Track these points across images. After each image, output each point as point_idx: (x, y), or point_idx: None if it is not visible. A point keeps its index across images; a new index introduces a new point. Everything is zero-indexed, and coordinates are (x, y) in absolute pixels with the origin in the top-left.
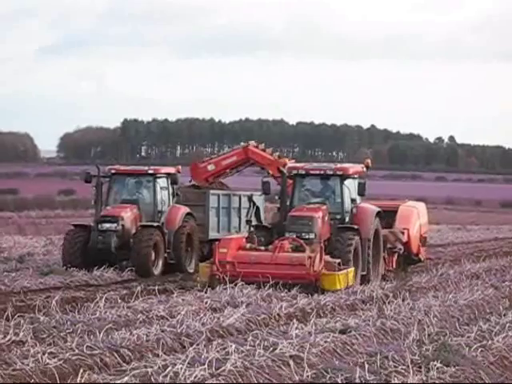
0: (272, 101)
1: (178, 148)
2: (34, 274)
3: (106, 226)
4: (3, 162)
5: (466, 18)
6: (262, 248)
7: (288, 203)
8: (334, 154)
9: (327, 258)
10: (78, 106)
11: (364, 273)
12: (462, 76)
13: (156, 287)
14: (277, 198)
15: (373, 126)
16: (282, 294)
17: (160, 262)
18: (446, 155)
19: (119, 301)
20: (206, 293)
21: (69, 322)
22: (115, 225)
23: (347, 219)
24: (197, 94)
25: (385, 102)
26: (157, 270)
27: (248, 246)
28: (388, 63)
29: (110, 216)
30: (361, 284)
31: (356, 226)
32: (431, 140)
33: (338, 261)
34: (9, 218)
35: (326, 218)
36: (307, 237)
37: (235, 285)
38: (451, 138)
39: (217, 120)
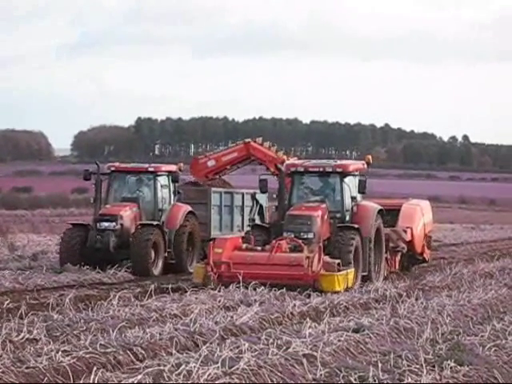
0: (286, 99)
1: (192, 147)
2: (48, 272)
3: (105, 224)
4: (17, 160)
5: (480, 16)
6: (259, 248)
7: (286, 202)
8: (348, 152)
9: (326, 258)
10: (92, 105)
11: (365, 273)
12: (477, 75)
13: (169, 285)
14: (274, 196)
15: (387, 124)
16: (295, 293)
17: (160, 262)
18: (460, 154)
19: (132, 299)
20: (219, 291)
21: (82, 320)
22: (114, 224)
23: (347, 218)
24: (211, 92)
25: (399, 101)
26: (156, 270)
27: (244, 246)
28: (402, 62)
29: (109, 215)
30: (361, 285)
31: (356, 225)
32: (445, 139)
33: (338, 261)
34: (22, 216)
35: (326, 217)
36: (306, 236)
37: (248, 283)
38: (465, 137)
39: (230, 119)
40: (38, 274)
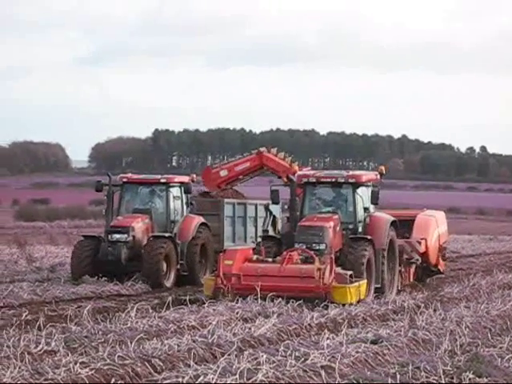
0: (303, 111)
1: (209, 158)
2: (66, 283)
3: (116, 236)
4: (35, 172)
5: (499, 27)
6: (270, 260)
7: (298, 213)
8: (365, 163)
9: (338, 269)
10: (110, 117)
11: (378, 285)
12: (495, 86)
13: (187, 297)
14: (286, 207)
15: (404, 136)
16: (312, 305)
17: (172, 274)
18: (478, 165)
19: (150, 311)
20: (237, 303)
21: (100, 332)
22: (125, 236)
23: (360, 229)
24: (228, 104)
25: (416, 112)
26: (169, 282)
27: (255, 257)
28: (420, 73)
29: (121, 227)
30: (375, 297)
31: (369, 237)
32: (463, 150)
33: (350, 273)
34: (40, 228)
35: (338, 228)
36: (318, 248)
37: (262, 295)
38: (483, 148)
39: (247, 130)
40: (56, 286)
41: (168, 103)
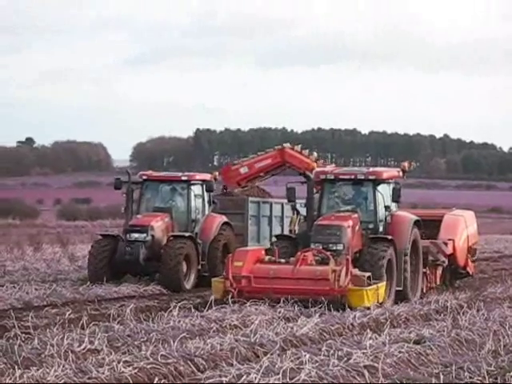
0: (344, 110)
1: None
2: (108, 282)
3: (135, 236)
4: (77, 172)
5: None
6: (283, 261)
7: (316, 212)
8: (413, 163)
9: (355, 271)
10: (152, 116)
11: (400, 288)
12: None
13: (229, 296)
14: (303, 205)
15: (446, 135)
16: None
17: (192, 275)
18: None
19: (193, 310)
20: (278, 302)
21: (143, 331)
22: (144, 235)
23: (381, 229)
24: (270, 103)
25: (458, 111)
26: (188, 284)
27: (267, 258)
28: (462, 72)
29: (139, 226)
30: (396, 301)
31: (390, 237)
32: (505, 149)
33: (368, 274)
34: (82, 227)
35: (357, 228)
36: (335, 248)
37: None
38: None
39: (289, 129)
40: (99, 285)
41: (209, 103)
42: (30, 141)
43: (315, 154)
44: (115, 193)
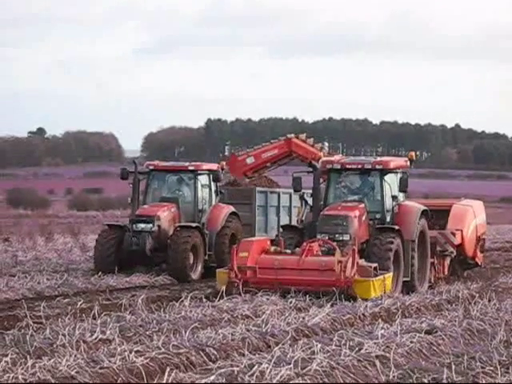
0: (356, 100)
1: None
2: (119, 273)
3: (141, 226)
4: (88, 162)
5: None
6: (288, 251)
7: (322, 201)
8: (418, 153)
9: (361, 262)
10: (162, 106)
11: (407, 279)
12: None
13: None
14: (309, 195)
15: (457, 125)
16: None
17: (199, 266)
18: None
19: (204, 300)
20: (289, 292)
21: (155, 321)
22: (150, 225)
23: (388, 219)
24: (283, 93)
25: (470, 101)
26: (195, 275)
27: (272, 249)
28: (473, 62)
29: (146, 216)
30: (404, 292)
31: (397, 227)
32: None
33: (374, 265)
34: (94, 217)
35: (364, 218)
36: (341, 238)
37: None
38: None
39: (300, 120)
40: (110, 275)
41: (220, 93)
42: (41, 131)
43: (326, 144)
44: (126, 183)
